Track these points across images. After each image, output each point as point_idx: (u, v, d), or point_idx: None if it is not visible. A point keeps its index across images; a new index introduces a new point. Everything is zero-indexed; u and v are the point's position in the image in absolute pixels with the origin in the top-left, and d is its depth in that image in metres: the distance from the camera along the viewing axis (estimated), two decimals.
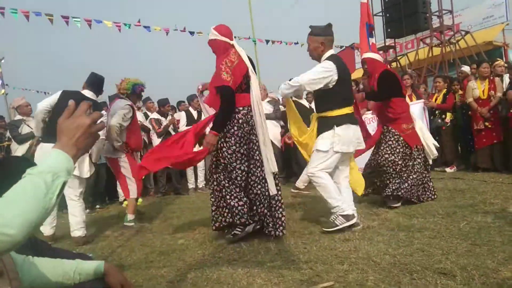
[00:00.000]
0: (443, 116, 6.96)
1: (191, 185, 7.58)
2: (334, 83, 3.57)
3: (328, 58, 3.63)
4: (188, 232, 4.23)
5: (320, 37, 3.67)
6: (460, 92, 7.00)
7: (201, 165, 7.72)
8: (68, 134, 1.05)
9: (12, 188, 0.93)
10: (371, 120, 7.16)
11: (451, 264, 2.53)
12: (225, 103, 3.46)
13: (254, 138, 3.57)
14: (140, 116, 7.19)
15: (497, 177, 5.63)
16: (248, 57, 3.66)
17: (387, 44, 13.24)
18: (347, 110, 3.66)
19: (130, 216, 4.80)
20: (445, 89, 7.11)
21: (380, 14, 12.49)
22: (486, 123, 6.21)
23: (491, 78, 6.27)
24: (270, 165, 3.54)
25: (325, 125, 3.66)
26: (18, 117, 6.31)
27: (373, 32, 7.97)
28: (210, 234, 4.05)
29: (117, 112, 4.61)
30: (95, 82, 4.58)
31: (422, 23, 11.44)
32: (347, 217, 3.57)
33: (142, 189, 5.11)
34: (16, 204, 0.90)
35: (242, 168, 3.51)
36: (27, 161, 2.34)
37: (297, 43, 13.21)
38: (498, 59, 6.70)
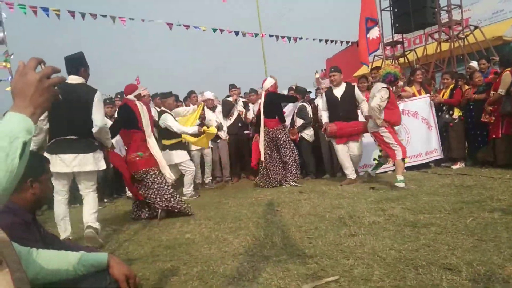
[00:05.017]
0: (451, 112, 6.90)
1: (197, 180, 7.61)
2: None
3: None
4: (194, 227, 4.26)
5: None
6: (466, 87, 6.94)
7: (208, 161, 7.75)
8: (20, 94, 1.01)
9: None
10: None
11: (457, 260, 2.52)
12: None
13: None
14: (154, 112, 7.23)
15: (505, 173, 5.58)
16: None
17: (395, 39, 13.13)
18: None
19: (400, 177, 5.33)
20: (453, 85, 7.06)
21: (388, 9, 12.38)
22: (487, 117, 6.25)
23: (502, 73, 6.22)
24: None
25: None
26: None
27: (375, 27, 7.91)
28: (215, 228, 4.08)
29: (376, 95, 5.46)
30: (71, 64, 4.06)
31: (431, 18, 11.31)
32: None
33: None
34: None
35: None
36: (38, 155, 2.37)
37: (302, 38, 13.15)
38: None
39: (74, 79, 3.99)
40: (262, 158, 6.69)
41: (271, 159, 6.72)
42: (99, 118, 3.96)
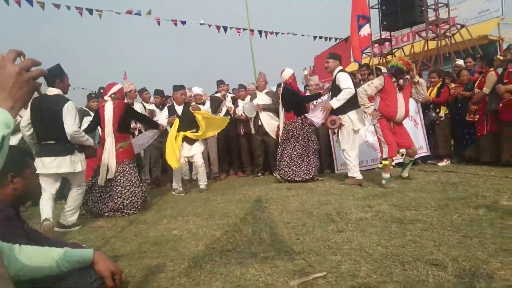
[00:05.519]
0: (437, 110, 6.98)
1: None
2: None
3: None
4: (181, 223, 4.23)
5: None
6: (453, 85, 7.02)
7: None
8: None
9: None
10: None
11: (443, 256, 2.55)
12: None
13: None
14: (139, 107, 7.19)
15: (490, 170, 5.67)
16: None
17: (382, 37, 13.22)
18: None
19: (385, 175, 5.32)
20: (440, 83, 7.13)
21: (376, 6, 12.45)
22: (471, 116, 6.36)
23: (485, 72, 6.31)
24: None
25: None
26: None
27: (366, 24, 7.95)
28: (203, 225, 4.06)
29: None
30: (48, 77, 4.35)
31: (418, 16, 11.42)
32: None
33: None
34: None
35: None
36: (21, 149, 2.32)
37: (289, 33, 13.13)
38: None
39: (51, 91, 4.36)
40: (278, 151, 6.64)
41: (284, 152, 6.52)
42: (69, 127, 4.32)
